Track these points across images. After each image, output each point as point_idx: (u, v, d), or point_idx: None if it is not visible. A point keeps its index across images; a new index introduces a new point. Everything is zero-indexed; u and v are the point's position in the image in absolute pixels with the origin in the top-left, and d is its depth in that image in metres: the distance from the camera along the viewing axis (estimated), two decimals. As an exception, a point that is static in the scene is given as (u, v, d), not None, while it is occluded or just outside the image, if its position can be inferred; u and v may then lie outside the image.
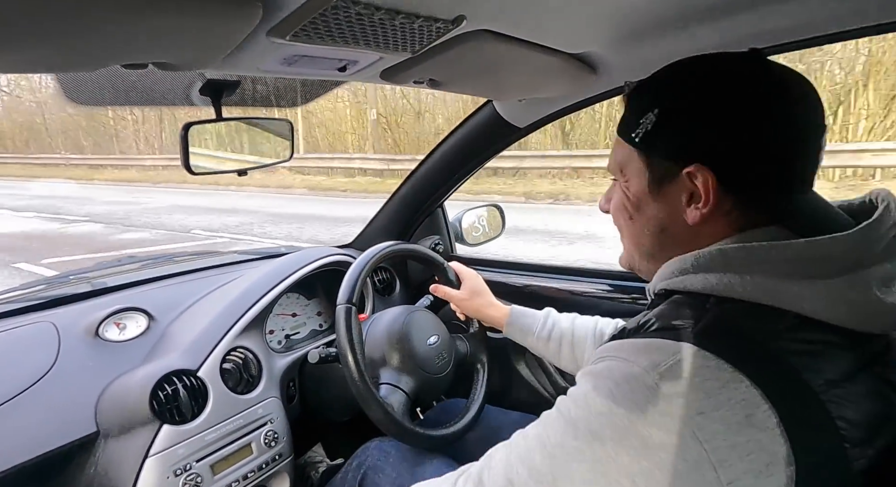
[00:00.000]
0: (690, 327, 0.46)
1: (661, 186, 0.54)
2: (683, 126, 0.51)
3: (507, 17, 0.64)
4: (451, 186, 1.42)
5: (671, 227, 0.55)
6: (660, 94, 0.54)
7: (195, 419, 0.91)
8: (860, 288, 0.45)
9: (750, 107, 0.49)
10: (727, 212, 0.51)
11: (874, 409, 0.45)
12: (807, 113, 0.50)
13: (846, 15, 0.71)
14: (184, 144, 0.85)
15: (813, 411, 0.43)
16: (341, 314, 0.93)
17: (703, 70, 0.53)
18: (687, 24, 0.73)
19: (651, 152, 0.54)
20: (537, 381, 1.35)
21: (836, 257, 0.45)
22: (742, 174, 0.50)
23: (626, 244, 0.63)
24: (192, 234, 7.12)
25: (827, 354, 0.45)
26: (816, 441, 0.42)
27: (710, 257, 0.50)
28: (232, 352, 1.03)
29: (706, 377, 0.43)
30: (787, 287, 0.46)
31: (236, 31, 0.52)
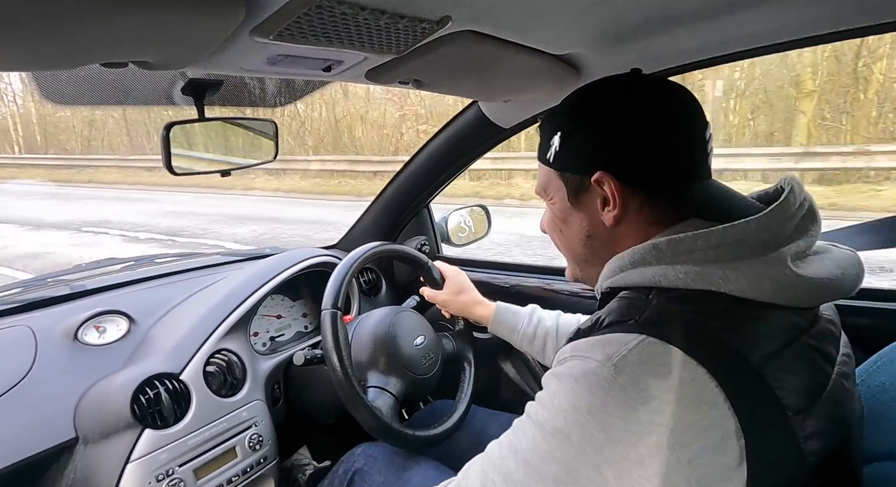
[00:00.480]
0: (637, 318, 0.50)
1: (579, 196, 0.62)
2: (581, 142, 0.59)
3: (492, 18, 0.65)
4: (437, 186, 1.41)
5: (595, 232, 0.62)
6: (559, 118, 0.62)
7: (178, 423, 0.90)
8: (777, 265, 0.49)
9: (633, 114, 0.57)
10: (638, 209, 0.58)
11: (810, 378, 0.50)
12: (685, 112, 0.57)
13: (822, 19, 0.72)
14: (165, 145, 0.83)
15: (754, 384, 0.45)
16: (327, 318, 0.93)
17: (592, 92, 0.61)
18: (669, 26, 0.74)
19: (563, 169, 0.62)
20: (524, 382, 1.36)
21: (752, 239, 0.50)
22: (640, 173, 0.57)
23: (566, 257, 0.70)
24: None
25: (760, 329, 0.49)
26: (761, 412, 0.45)
27: (645, 252, 0.55)
28: (215, 355, 1.01)
29: (658, 363, 0.46)
30: (714, 271, 0.49)
31: (219, 29, 0.51)
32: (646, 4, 0.67)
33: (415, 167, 1.38)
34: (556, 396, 0.49)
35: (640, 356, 0.46)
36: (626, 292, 0.56)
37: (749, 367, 0.46)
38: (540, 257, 4.92)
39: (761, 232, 0.50)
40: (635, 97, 0.58)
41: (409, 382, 1.01)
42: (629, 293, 0.56)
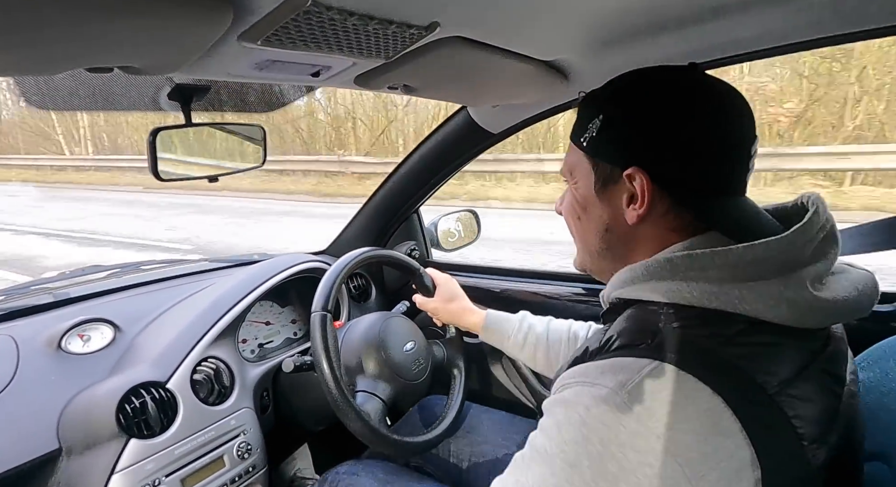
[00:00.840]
0: (650, 341, 0.48)
1: (606, 187, 0.58)
2: (623, 132, 0.55)
3: (480, 24, 0.65)
4: (427, 191, 1.42)
5: (614, 227, 0.59)
6: (604, 102, 0.58)
7: (164, 432, 0.88)
8: (795, 288, 0.47)
9: (683, 115, 0.52)
10: (663, 213, 0.55)
11: (824, 404, 0.48)
12: (736, 122, 0.54)
13: (803, 27, 0.74)
14: (151, 150, 0.82)
15: (770, 413, 0.44)
16: (316, 321, 0.92)
17: (644, 81, 0.57)
18: (656, 33, 0.75)
19: (596, 156, 0.58)
20: (513, 384, 1.36)
21: (771, 260, 0.48)
22: (675, 178, 0.53)
23: (578, 245, 0.67)
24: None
25: (776, 355, 0.47)
26: (777, 442, 0.44)
27: (659, 265, 0.52)
28: (203, 363, 1.00)
29: (672, 391, 0.44)
30: (731, 291, 0.48)
31: (206, 35, 0.51)
32: (632, 11, 0.68)
33: (404, 172, 1.38)
34: (565, 426, 0.47)
35: (654, 384, 0.44)
36: (636, 307, 0.54)
37: (765, 395, 0.44)
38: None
39: (781, 253, 0.48)
40: (693, 97, 0.53)
41: (398, 387, 1.00)
42: (640, 309, 0.53)
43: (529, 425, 1.12)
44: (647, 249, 0.57)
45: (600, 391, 0.45)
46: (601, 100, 0.58)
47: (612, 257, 0.61)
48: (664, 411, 0.43)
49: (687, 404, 0.43)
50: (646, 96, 0.55)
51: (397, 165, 1.39)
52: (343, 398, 0.88)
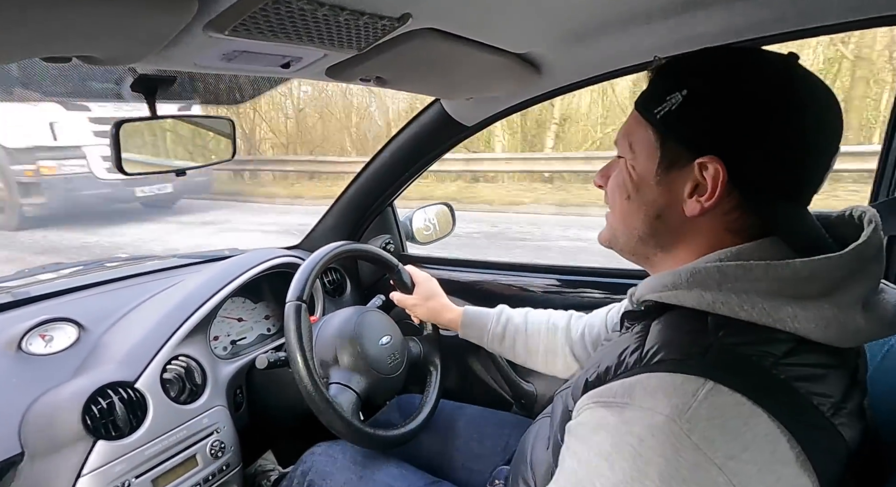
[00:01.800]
0: (700, 356, 0.44)
1: (670, 171, 0.52)
2: (709, 114, 0.49)
3: (452, 15, 0.65)
4: (401, 184, 1.41)
5: (667, 215, 0.53)
6: (692, 74, 0.51)
7: (133, 432, 0.86)
8: (846, 309, 0.45)
9: (781, 109, 0.47)
10: (727, 211, 0.50)
11: (863, 424, 0.46)
12: (830, 128, 0.49)
13: (766, 22, 0.76)
14: (115, 143, 0.80)
15: (829, 437, 0.42)
16: (291, 311, 0.91)
17: (740, 61, 0.50)
18: (625, 27, 0.76)
19: (669, 134, 0.52)
20: (491, 378, 1.37)
21: (825, 278, 0.45)
22: (754, 175, 0.48)
23: (614, 222, 0.60)
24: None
25: (827, 376, 0.45)
26: (834, 466, 0.42)
27: (707, 273, 0.48)
28: (173, 361, 0.98)
29: (729, 417, 0.41)
30: (783, 307, 0.45)
31: (170, 24, 0.49)
32: (601, 4, 0.68)
33: (378, 165, 1.37)
34: (616, 461, 0.42)
35: (710, 410, 0.41)
36: (676, 315, 0.50)
37: (823, 419, 0.42)
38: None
39: (836, 271, 0.45)
40: (795, 91, 0.48)
41: (373, 381, 1.00)
42: (682, 317, 0.50)
43: (503, 417, 1.14)
44: (696, 245, 0.53)
45: (654, 419, 0.41)
46: (689, 71, 0.51)
47: (654, 245, 0.56)
48: (723, 439, 0.40)
49: (745, 430, 0.40)
50: (743, 79, 0.48)
51: (370, 158, 1.38)
52: (316, 389, 0.87)
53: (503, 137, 8.88)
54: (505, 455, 1.02)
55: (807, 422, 0.41)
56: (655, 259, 0.57)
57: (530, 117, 8.74)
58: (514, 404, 1.33)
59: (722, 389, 0.41)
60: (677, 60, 0.53)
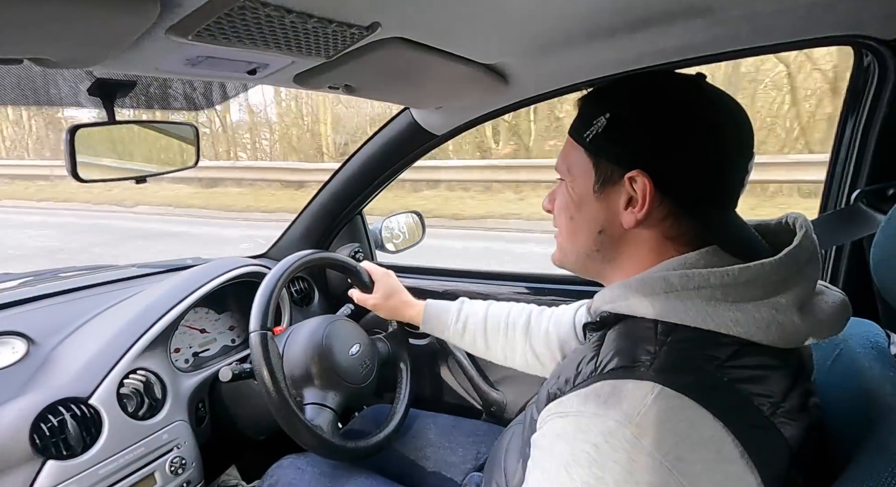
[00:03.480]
0: (649, 363, 0.47)
1: (605, 187, 0.56)
2: (631, 133, 0.54)
3: (421, 25, 0.65)
4: (370, 193, 1.40)
5: (608, 228, 0.57)
6: (613, 100, 0.57)
7: (87, 451, 0.82)
8: (784, 311, 0.48)
9: (693, 123, 0.52)
10: (660, 220, 0.54)
11: (805, 422, 0.48)
12: (741, 136, 0.54)
13: (722, 39, 0.79)
14: (70, 150, 0.76)
15: (768, 435, 0.44)
16: (256, 341, 0.88)
17: (656, 84, 0.56)
18: (590, 41, 0.78)
19: (599, 154, 0.56)
20: (461, 387, 1.37)
21: (763, 282, 0.48)
22: (678, 184, 0.53)
23: (562, 242, 0.64)
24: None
25: (768, 377, 0.47)
26: (776, 464, 0.44)
27: (654, 282, 0.52)
28: (131, 375, 0.94)
29: (678, 420, 0.43)
30: (725, 312, 0.48)
31: (130, 27, 0.48)
32: (566, 19, 0.70)
33: (347, 174, 1.36)
34: (574, 467, 0.44)
35: (659, 413, 0.43)
36: (629, 324, 0.53)
37: (763, 418, 0.44)
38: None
39: (772, 275, 0.48)
40: (704, 107, 0.53)
41: (347, 393, 0.99)
42: (633, 326, 0.53)
43: (475, 426, 1.14)
44: (640, 255, 0.56)
45: (608, 425, 0.43)
46: (609, 98, 0.57)
47: (601, 260, 0.59)
48: (672, 441, 0.42)
49: (692, 432, 0.42)
50: (657, 100, 0.54)
51: (339, 166, 1.37)
52: (294, 417, 0.85)
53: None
54: (476, 463, 1.02)
55: (747, 422, 0.44)
56: (605, 272, 0.61)
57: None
58: (483, 412, 1.33)
59: (669, 392, 0.44)
60: (600, 89, 0.59)
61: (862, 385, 0.55)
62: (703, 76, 0.56)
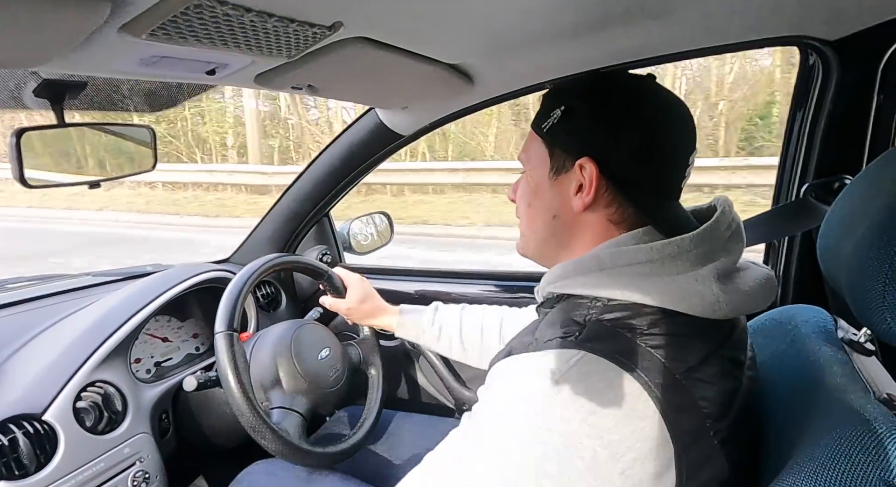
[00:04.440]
0: (577, 333, 0.51)
1: (558, 174, 0.61)
2: (581, 124, 0.59)
3: (384, 25, 0.65)
4: (337, 194, 1.38)
5: (561, 214, 0.61)
6: (568, 94, 0.61)
7: (41, 470, 0.78)
8: (703, 281, 0.52)
9: (638, 117, 0.57)
10: (606, 205, 0.59)
11: (725, 386, 0.52)
12: (683, 131, 0.59)
13: (678, 39, 0.82)
14: (16, 154, 0.73)
15: (680, 396, 0.48)
16: (221, 342, 0.85)
17: (607, 81, 0.61)
18: (553, 41, 0.79)
19: (553, 143, 0.61)
20: (433, 386, 1.37)
21: (685, 256, 0.53)
22: (621, 172, 0.57)
23: (523, 229, 0.68)
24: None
25: (685, 344, 0.51)
26: (686, 421, 0.48)
27: (589, 260, 0.57)
28: (88, 388, 0.90)
29: (595, 379, 0.47)
30: (649, 285, 0.52)
31: (78, 26, 0.46)
32: (529, 19, 0.71)
33: (312, 175, 1.34)
34: (496, 413, 0.50)
35: (579, 373, 0.47)
36: (567, 302, 0.58)
37: (675, 380, 0.48)
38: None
39: (693, 249, 0.53)
40: (649, 103, 0.58)
41: (316, 398, 0.97)
42: (570, 303, 0.57)
43: (449, 425, 1.14)
44: (587, 238, 0.60)
45: (530, 381, 0.48)
46: (567, 92, 0.62)
47: (555, 244, 0.64)
48: (588, 397, 0.46)
49: (608, 390, 0.47)
50: (607, 94, 0.59)
51: (304, 168, 1.35)
52: (259, 420, 0.83)
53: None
54: (449, 463, 1.02)
55: (660, 383, 0.48)
56: (560, 258, 0.64)
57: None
58: (456, 411, 1.33)
59: (591, 357, 0.48)
60: (560, 85, 0.64)
61: (812, 368, 0.58)
62: (652, 76, 0.61)
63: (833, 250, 0.55)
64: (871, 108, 0.90)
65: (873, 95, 0.89)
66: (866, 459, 0.41)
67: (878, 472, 0.40)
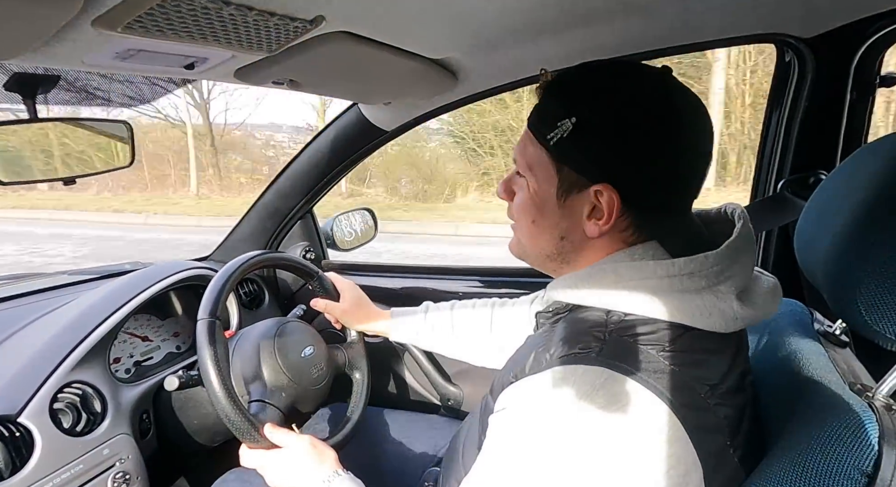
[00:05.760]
0: (598, 349, 0.49)
1: (569, 195, 0.54)
2: (599, 144, 0.51)
3: (367, 20, 0.64)
4: (320, 190, 1.37)
5: (571, 236, 0.56)
6: (578, 101, 0.52)
7: (16, 473, 0.77)
8: (725, 299, 0.50)
9: (664, 135, 0.50)
10: (623, 229, 0.54)
11: (739, 401, 0.51)
12: (708, 144, 0.53)
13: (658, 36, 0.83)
14: (-14, 149, 0.71)
15: (706, 416, 0.47)
16: (203, 329, 0.84)
17: (624, 82, 0.53)
18: (535, 36, 0.80)
19: (564, 161, 0.53)
20: (418, 382, 1.37)
21: (706, 272, 0.50)
22: (645, 199, 0.52)
23: (523, 239, 0.62)
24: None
25: (707, 361, 0.50)
26: (712, 442, 0.47)
27: (604, 273, 0.53)
28: (66, 388, 0.88)
29: (625, 402, 0.45)
30: (669, 301, 0.49)
31: (50, 18, 0.44)
32: (511, 14, 0.71)
33: (295, 171, 1.33)
34: (525, 443, 0.47)
35: (606, 396, 0.45)
36: (580, 312, 0.55)
37: (700, 399, 0.47)
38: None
39: (714, 265, 0.50)
40: (674, 113, 0.51)
41: (297, 394, 0.96)
42: (584, 314, 0.54)
43: (433, 421, 1.14)
44: (598, 257, 0.56)
45: (558, 408, 0.46)
46: (575, 96, 0.53)
47: (561, 261, 0.59)
48: (619, 423, 0.44)
49: (637, 413, 0.45)
50: (626, 106, 0.51)
51: (286, 164, 1.34)
52: (236, 411, 0.81)
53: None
54: (435, 457, 1.02)
55: (686, 404, 0.46)
56: (562, 270, 0.60)
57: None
58: (441, 406, 1.34)
59: (617, 376, 0.46)
60: (563, 81, 0.55)
61: (790, 360, 0.59)
62: (669, 69, 0.53)
63: (809, 243, 0.56)
64: (844, 104, 0.92)
65: (847, 92, 0.91)
66: (842, 448, 0.43)
67: (852, 461, 0.42)
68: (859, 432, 0.43)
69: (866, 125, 0.95)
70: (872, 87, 0.92)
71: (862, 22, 0.81)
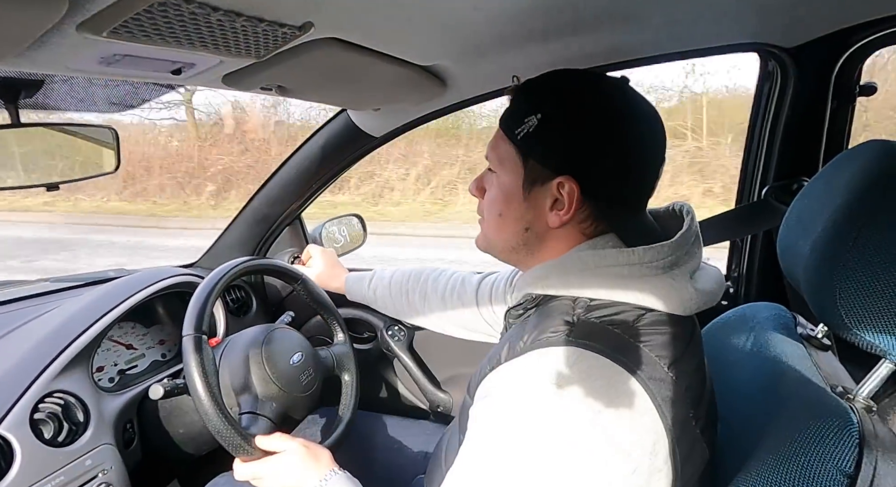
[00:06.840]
0: (568, 331, 0.52)
1: (533, 187, 0.59)
2: (561, 137, 0.57)
3: (355, 26, 0.64)
4: (308, 197, 1.37)
5: (535, 227, 0.61)
6: (544, 100, 0.58)
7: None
8: (680, 281, 0.55)
9: (620, 131, 0.56)
10: (582, 220, 0.59)
11: (699, 376, 0.56)
12: (661, 142, 0.59)
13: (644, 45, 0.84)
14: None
15: (670, 388, 0.50)
16: (189, 346, 0.82)
17: (584, 87, 0.58)
18: (524, 43, 0.80)
19: (528, 154, 0.59)
20: (407, 388, 1.36)
21: (662, 260, 0.55)
22: (603, 191, 0.57)
23: (489, 232, 0.66)
24: None
25: (667, 339, 0.53)
26: (676, 413, 0.50)
27: (570, 263, 0.57)
28: (46, 398, 0.86)
29: (595, 376, 0.48)
30: (631, 286, 0.54)
31: (33, 22, 0.44)
32: (499, 22, 0.72)
33: (283, 177, 1.32)
34: (509, 423, 0.49)
35: (580, 373, 0.48)
36: (550, 302, 0.58)
37: (664, 372, 0.50)
38: (417, 264, 4.96)
39: (669, 254, 0.55)
40: (630, 114, 0.57)
41: (287, 403, 0.95)
42: (554, 303, 0.58)
43: (423, 427, 1.14)
44: (559, 247, 0.61)
45: (535, 388, 0.49)
46: (541, 95, 0.59)
47: (525, 252, 0.63)
48: (592, 397, 0.47)
49: (609, 388, 0.48)
50: (587, 104, 0.57)
51: (274, 170, 1.33)
52: (228, 428, 0.80)
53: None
54: (425, 464, 1.02)
55: (653, 376, 0.50)
56: (527, 262, 0.65)
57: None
58: (430, 413, 1.33)
59: (589, 355, 0.49)
60: (531, 84, 0.61)
61: (773, 363, 0.60)
62: (626, 80, 0.60)
63: (792, 248, 0.57)
64: (825, 112, 0.94)
65: (828, 100, 0.93)
66: (824, 450, 0.43)
67: (834, 462, 0.42)
68: (841, 433, 0.44)
69: (847, 133, 0.97)
70: (853, 95, 0.95)
71: (842, 32, 0.83)
